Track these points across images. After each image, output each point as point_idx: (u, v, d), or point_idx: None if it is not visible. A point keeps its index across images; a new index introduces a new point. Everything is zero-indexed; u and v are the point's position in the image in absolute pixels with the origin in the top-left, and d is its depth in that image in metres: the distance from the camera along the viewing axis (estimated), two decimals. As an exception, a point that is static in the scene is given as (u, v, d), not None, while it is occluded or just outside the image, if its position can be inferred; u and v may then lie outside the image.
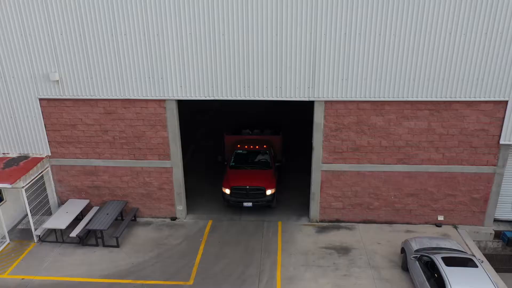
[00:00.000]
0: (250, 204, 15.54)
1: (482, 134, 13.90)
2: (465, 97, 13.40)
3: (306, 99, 13.77)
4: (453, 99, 13.44)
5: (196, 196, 17.42)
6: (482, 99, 13.38)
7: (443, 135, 14.03)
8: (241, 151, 17.68)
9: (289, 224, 15.44)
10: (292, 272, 13.02)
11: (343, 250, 14.01)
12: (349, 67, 13.27)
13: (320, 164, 14.73)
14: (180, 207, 15.73)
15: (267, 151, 17.51)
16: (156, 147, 14.79)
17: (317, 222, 15.60)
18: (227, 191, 15.81)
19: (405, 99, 13.58)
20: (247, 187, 15.63)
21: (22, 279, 12.86)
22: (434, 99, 13.50)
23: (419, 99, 13.53)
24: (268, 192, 15.66)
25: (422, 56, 13.01)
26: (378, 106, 13.81)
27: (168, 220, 15.88)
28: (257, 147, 17.70)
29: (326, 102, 13.87)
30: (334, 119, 14.08)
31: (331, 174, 14.86)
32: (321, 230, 15.16)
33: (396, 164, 14.55)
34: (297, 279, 12.74)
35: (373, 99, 13.63)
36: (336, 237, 14.73)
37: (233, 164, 17.24)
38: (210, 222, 15.65)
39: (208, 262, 13.44)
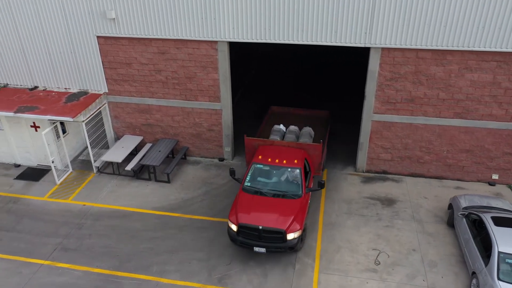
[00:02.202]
0: (263, 250, 11.29)
1: (554, 91, 12.79)
2: (540, 49, 12.23)
3: (362, 45, 13.14)
4: (526, 50, 12.31)
5: (243, 139, 17.69)
6: (560, 51, 12.15)
7: (509, 89, 13.04)
8: (261, 165, 12.75)
9: (334, 173, 15.46)
10: (334, 219, 13.23)
11: (388, 202, 13.95)
12: (411, 12, 12.37)
13: (371, 114, 14.33)
14: (228, 149, 16.14)
15: (298, 169, 12.52)
16: (206, 89, 14.98)
17: (363, 172, 15.49)
18: (234, 227, 11.52)
19: (470, 49, 12.59)
20: (260, 227, 11.24)
21: (84, 205, 14.06)
22: (503, 49, 12.41)
23: (486, 49, 12.49)
24: (290, 236, 11.13)
25: (492, 2, 11.82)
26: (439, 55, 12.95)
27: (216, 160, 16.41)
28: (284, 161, 12.67)
29: (383, 49, 13.18)
30: (390, 68, 13.43)
31: (382, 124, 14.46)
32: (367, 180, 15.08)
33: (453, 118, 13.85)
34: (338, 225, 12.96)
35: (434, 47, 12.77)
36: (382, 188, 14.63)
37: (248, 185, 12.45)
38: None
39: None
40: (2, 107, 14.70)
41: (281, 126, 15.12)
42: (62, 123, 15.47)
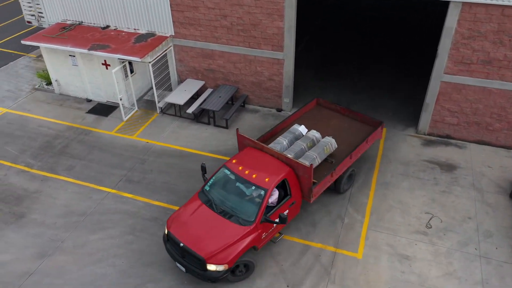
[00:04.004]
0: (183, 269, 9.83)
1: None
2: None
3: (441, -2, 12.21)
4: None
5: (303, 90, 17.54)
6: None
7: None
8: (229, 171, 10.67)
9: (394, 132, 15.04)
10: (388, 179, 13.06)
11: (447, 167, 13.46)
12: (503, -38, 11.18)
13: (441, 74, 13.53)
14: (287, 100, 16.12)
15: (264, 190, 9.98)
16: (270, 37, 14.80)
17: (424, 134, 14.92)
18: (166, 230, 10.24)
19: None
20: (181, 245, 9.65)
21: (147, 142, 14.91)
22: None
23: None
24: (212, 267, 9.36)
25: None
26: (528, 13, 11.75)
27: (274, 110, 16.50)
28: (254, 176, 10.28)
29: (463, 3, 12.15)
30: (469, 25, 12.42)
31: (452, 86, 13.65)
32: (428, 143, 14.54)
33: (534, 84, 12.75)
34: (392, 186, 12.80)
35: (524, 4, 11.58)
36: (443, 153, 14.08)
37: (207, 190, 10.73)
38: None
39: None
40: (77, 44, 15.56)
41: (301, 128, 12.34)
42: (130, 63, 16.14)
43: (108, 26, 16.66)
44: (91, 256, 10.88)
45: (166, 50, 16.09)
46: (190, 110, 15.61)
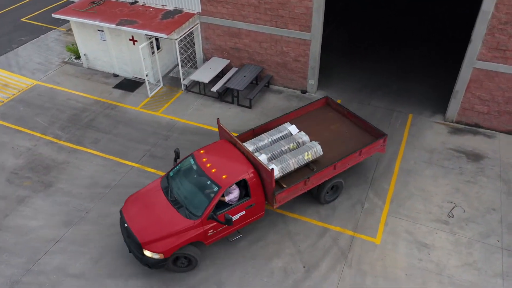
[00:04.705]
0: (127, 249, 10.15)
1: None
2: None
3: (478, -20, 11.68)
4: None
5: (329, 73, 17.28)
6: None
7: None
8: (193, 161, 10.46)
9: (420, 119, 14.71)
10: (411, 166, 12.86)
11: (474, 157, 13.13)
12: None
13: (473, 60, 13.06)
14: (312, 82, 15.93)
15: (218, 187, 9.61)
16: (298, 17, 14.56)
17: (452, 122, 14.54)
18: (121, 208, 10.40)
19: None
20: (126, 225, 9.81)
21: (171, 119, 15.09)
22: None
23: None
24: (148, 253, 9.34)
25: None
26: None
27: (298, 92, 16.36)
28: (213, 170, 9.92)
29: (503, -13, 11.63)
30: (508, 9, 11.87)
31: (484, 73, 13.18)
32: (455, 131, 14.19)
33: None
34: (415, 173, 12.61)
35: None
36: (470, 142, 13.72)
37: (171, 175, 10.65)
38: (338, 102, 15.70)
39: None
40: (106, 19, 15.71)
41: (291, 128, 11.62)
42: (157, 39, 16.22)
43: (136, 2, 16.72)
44: (114, 227, 11.23)
45: (192, 27, 16.07)
46: (215, 88, 15.65)
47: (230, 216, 9.46)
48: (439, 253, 10.42)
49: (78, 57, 18.30)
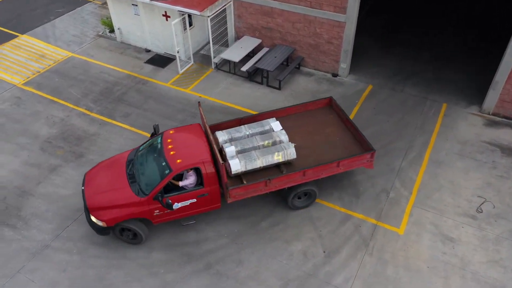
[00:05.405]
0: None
1: None
2: None
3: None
4: None
5: (362, 57, 16.83)
6: None
7: None
8: (160, 140, 10.46)
9: (454, 109, 14.20)
10: (442, 157, 12.49)
11: (509, 151, 12.61)
12: None
13: (517, 50, 12.42)
14: (344, 65, 15.58)
15: (169, 170, 9.62)
16: (333, -2, 14.17)
17: (488, 114, 13.96)
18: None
19: None
20: (82, 188, 10.33)
21: (200, 96, 15.15)
22: None
23: None
24: (93, 218, 9.80)
25: None
26: None
27: (329, 75, 16.05)
28: (172, 153, 9.93)
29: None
30: (559, -3, 11.14)
31: (528, 64, 12.52)
32: (491, 124, 13.63)
33: None
34: (445, 165, 12.25)
35: None
36: (506, 135, 13.16)
37: (140, 149, 10.76)
38: (369, 87, 15.34)
39: (358, 125, 13.65)
40: (140, -7, 15.75)
41: (274, 124, 11.05)
42: (189, 16, 16.17)
43: (170, -23, 16.65)
44: (140, 200, 11.49)
45: (225, 5, 15.91)
46: (245, 68, 15.55)
47: (170, 201, 9.53)
48: (464, 248, 10.18)
49: (112, 30, 18.53)
